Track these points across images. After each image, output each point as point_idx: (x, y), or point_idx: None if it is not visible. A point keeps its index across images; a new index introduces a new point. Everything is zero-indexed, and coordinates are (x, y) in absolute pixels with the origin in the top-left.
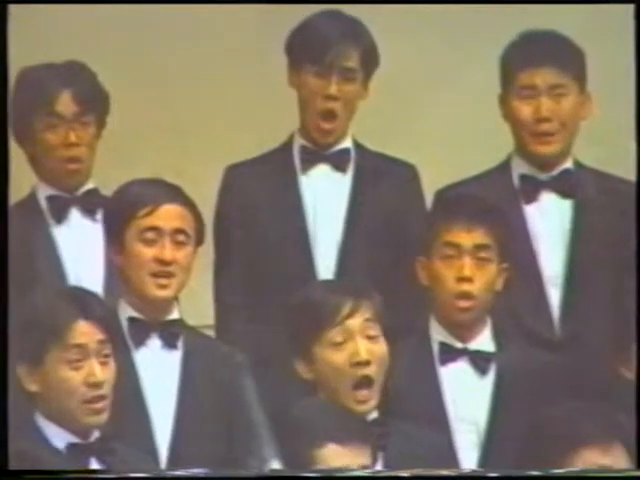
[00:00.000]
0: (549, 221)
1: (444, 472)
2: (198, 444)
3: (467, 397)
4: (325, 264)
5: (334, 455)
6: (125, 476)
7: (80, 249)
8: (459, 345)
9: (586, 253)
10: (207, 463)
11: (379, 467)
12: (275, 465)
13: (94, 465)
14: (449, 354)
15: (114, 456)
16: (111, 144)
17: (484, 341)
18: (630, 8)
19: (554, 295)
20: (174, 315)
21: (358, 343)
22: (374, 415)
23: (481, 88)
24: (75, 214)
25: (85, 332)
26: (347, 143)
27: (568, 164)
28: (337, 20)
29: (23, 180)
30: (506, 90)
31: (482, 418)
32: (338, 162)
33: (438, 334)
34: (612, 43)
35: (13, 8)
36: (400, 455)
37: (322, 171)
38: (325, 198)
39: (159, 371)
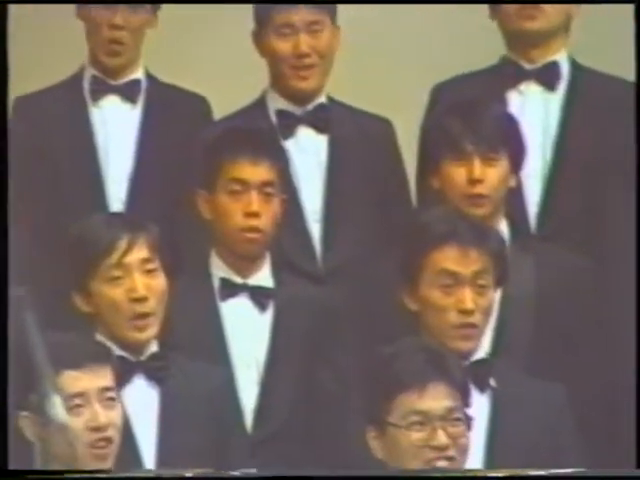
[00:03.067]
0: (306, 156)
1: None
2: None
3: (247, 333)
4: (116, 196)
5: (71, 380)
6: (125, 476)
7: None
8: (239, 280)
9: (342, 188)
10: None
11: (156, 400)
12: (56, 400)
13: None
14: (229, 289)
15: None
16: None
17: (263, 277)
18: (630, 8)
19: (315, 230)
20: None
21: (135, 279)
22: (154, 349)
23: None
24: None
25: None
26: (138, 74)
27: (322, 99)
28: None
29: None
30: (261, 27)
31: (261, 355)
32: (128, 93)
33: (219, 269)
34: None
35: (13, 8)
36: (178, 389)
37: (112, 102)
38: (115, 129)
39: None
